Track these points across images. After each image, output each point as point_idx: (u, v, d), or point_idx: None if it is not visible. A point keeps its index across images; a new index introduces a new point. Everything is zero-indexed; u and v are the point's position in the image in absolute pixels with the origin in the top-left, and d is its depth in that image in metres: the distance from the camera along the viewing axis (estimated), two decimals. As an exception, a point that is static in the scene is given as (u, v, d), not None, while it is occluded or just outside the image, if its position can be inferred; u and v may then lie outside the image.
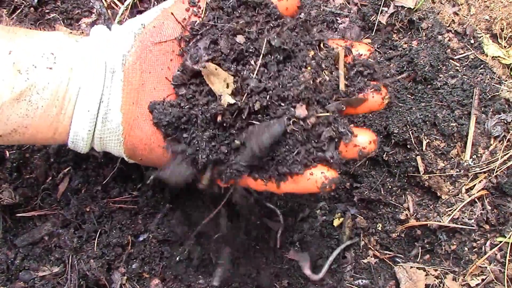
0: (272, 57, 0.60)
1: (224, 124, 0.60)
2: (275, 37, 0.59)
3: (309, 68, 0.61)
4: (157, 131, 0.63)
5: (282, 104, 0.59)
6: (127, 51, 0.62)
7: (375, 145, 0.64)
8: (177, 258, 0.92)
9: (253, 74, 0.58)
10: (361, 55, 0.67)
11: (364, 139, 0.64)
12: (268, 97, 0.58)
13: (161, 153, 0.65)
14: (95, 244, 0.91)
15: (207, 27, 0.62)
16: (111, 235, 0.92)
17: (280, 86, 0.59)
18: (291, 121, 0.59)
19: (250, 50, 0.59)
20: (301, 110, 0.59)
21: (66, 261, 0.90)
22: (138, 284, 0.93)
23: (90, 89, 0.60)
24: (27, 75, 0.57)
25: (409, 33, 1.01)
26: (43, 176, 0.93)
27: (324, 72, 0.63)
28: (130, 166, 0.95)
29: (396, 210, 0.99)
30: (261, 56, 0.59)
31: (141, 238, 0.95)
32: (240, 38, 0.60)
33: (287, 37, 0.60)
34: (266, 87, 0.58)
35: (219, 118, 0.59)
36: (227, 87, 0.58)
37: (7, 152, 0.90)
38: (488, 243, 0.95)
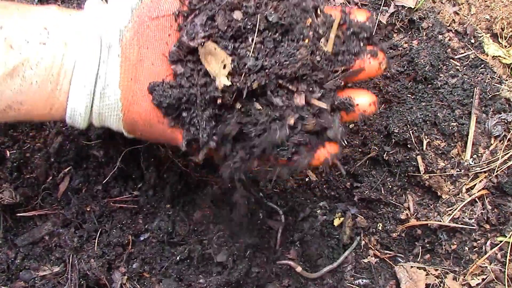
0: (270, 33, 0.59)
1: (225, 104, 0.59)
2: (272, 12, 0.58)
3: (306, 41, 0.60)
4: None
5: (281, 81, 0.59)
6: (124, 26, 0.61)
7: (376, 107, 0.65)
8: (178, 258, 0.92)
9: (250, 52, 0.58)
10: (359, 21, 0.65)
11: (364, 102, 0.64)
12: (265, 76, 0.58)
13: (161, 128, 0.64)
14: (96, 244, 0.91)
15: (205, 2, 0.60)
16: (112, 234, 0.92)
17: (277, 64, 0.58)
18: (293, 120, 0.59)
19: (248, 27, 0.58)
20: (299, 99, 0.59)
21: (66, 260, 0.90)
22: (138, 284, 0.93)
23: (86, 64, 0.60)
24: (20, 50, 0.57)
25: (409, 33, 1.01)
26: (44, 176, 0.93)
27: (322, 43, 0.61)
28: (130, 165, 0.95)
29: (397, 209, 0.99)
30: (256, 33, 0.58)
31: (141, 238, 0.95)
32: (237, 14, 0.59)
33: (284, 11, 0.59)
34: (264, 65, 0.58)
35: (219, 101, 0.59)
36: (224, 67, 0.58)
37: (7, 151, 0.90)
38: (488, 242, 0.95)
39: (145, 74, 0.62)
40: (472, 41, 1.01)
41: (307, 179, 1.01)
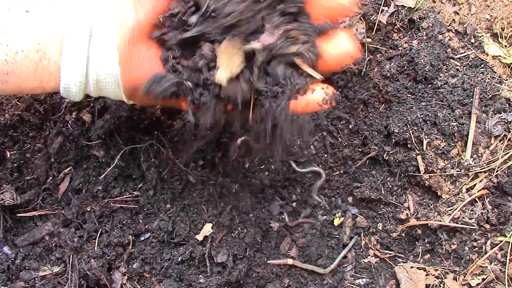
0: None
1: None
2: None
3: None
4: (156, 68, 0.61)
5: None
6: None
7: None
8: (179, 258, 0.92)
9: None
10: None
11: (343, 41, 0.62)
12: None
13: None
14: (96, 244, 0.91)
15: None
16: (112, 234, 0.92)
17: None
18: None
19: None
20: (267, 37, 0.59)
21: (66, 260, 0.91)
22: (138, 284, 0.93)
23: (76, 30, 0.57)
24: (1, 18, 0.54)
25: (409, 33, 1.01)
26: (44, 176, 0.93)
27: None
28: (130, 165, 0.95)
29: (397, 209, 0.99)
30: None
31: (142, 238, 0.95)
32: None
33: None
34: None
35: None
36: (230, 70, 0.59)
37: (7, 152, 0.90)
38: (488, 242, 0.95)
39: (142, 36, 0.60)
40: (472, 41, 1.01)
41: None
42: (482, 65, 0.99)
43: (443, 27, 1.00)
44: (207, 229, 0.94)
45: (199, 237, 0.94)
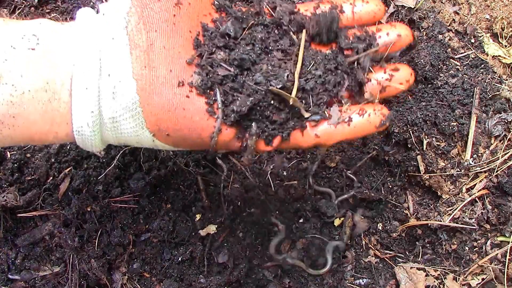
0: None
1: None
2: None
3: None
4: (177, 93, 0.56)
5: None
6: (126, 12, 0.55)
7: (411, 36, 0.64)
8: (179, 258, 0.92)
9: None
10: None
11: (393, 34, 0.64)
12: None
13: (189, 118, 0.57)
14: (96, 244, 0.92)
15: None
16: (112, 234, 0.92)
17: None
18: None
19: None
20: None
21: (67, 260, 0.91)
22: (139, 284, 0.93)
23: (85, 64, 0.53)
24: (5, 56, 0.50)
25: (409, 33, 1.01)
26: (44, 176, 0.93)
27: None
28: (131, 165, 0.95)
29: (397, 209, 0.99)
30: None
31: (142, 238, 0.95)
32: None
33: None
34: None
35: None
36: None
37: (8, 152, 0.91)
38: (488, 242, 0.95)
39: (158, 59, 0.55)
40: (472, 40, 1.01)
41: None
42: (482, 65, 0.99)
43: (443, 27, 1.00)
44: (211, 228, 0.95)
45: (202, 233, 0.94)
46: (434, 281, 0.93)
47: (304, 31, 0.61)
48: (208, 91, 0.57)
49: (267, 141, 0.60)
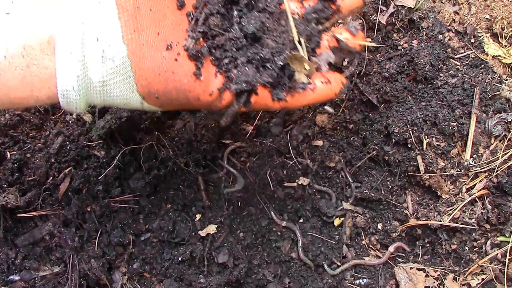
0: None
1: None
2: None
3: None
4: (166, 56, 0.56)
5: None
6: None
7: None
8: (179, 258, 0.92)
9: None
10: None
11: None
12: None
13: (178, 80, 0.58)
14: (96, 244, 0.92)
15: None
16: (112, 234, 0.92)
17: None
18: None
19: None
20: None
21: (67, 260, 0.91)
22: (139, 284, 0.93)
23: (68, 27, 0.51)
24: None
25: (409, 33, 1.01)
26: (44, 176, 0.93)
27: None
28: (131, 165, 0.95)
29: (397, 209, 0.99)
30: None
31: (142, 238, 0.95)
32: None
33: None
34: None
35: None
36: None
37: (8, 152, 0.91)
38: (488, 242, 0.95)
39: (146, 22, 0.55)
40: (472, 40, 1.01)
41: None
42: (482, 65, 0.99)
43: (443, 27, 1.00)
44: (211, 228, 0.95)
45: (202, 233, 0.94)
46: (434, 282, 0.93)
47: None
48: (200, 55, 0.59)
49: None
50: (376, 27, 1.00)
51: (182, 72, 0.58)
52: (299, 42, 0.63)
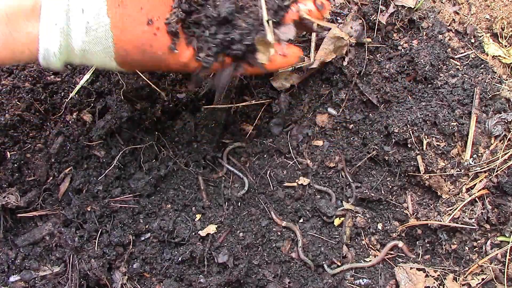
0: None
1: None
2: None
3: None
4: (146, 30, 0.61)
5: None
6: None
7: None
8: (179, 258, 0.92)
9: None
10: None
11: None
12: None
13: (153, 52, 0.63)
14: (96, 244, 0.92)
15: None
16: (112, 234, 0.92)
17: None
18: None
19: None
20: None
21: (67, 260, 0.91)
22: (139, 284, 0.93)
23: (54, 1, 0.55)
24: None
25: (409, 33, 1.01)
26: (44, 176, 0.93)
27: None
28: (131, 165, 0.95)
29: (397, 209, 0.99)
30: None
31: (142, 238, 0.95)
32: None
33: None
34: None
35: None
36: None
37: (8, 153, 0.91)
38: (488, 242, 0.95)
39: None
40: (472, 40, 1.01)
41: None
42: (482, 65, 0.99)
43: (443, 27, 1.00)
44: (211, 228, 0.95)
45: (202, 233, 0.94)
46: (434, 282, 0.93)
47: None
48: (178, 31, 0.64)
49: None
50: (376, 27, 1.00)
51: (158, 46, 0.63)
52: (268, 21, 0.69)
